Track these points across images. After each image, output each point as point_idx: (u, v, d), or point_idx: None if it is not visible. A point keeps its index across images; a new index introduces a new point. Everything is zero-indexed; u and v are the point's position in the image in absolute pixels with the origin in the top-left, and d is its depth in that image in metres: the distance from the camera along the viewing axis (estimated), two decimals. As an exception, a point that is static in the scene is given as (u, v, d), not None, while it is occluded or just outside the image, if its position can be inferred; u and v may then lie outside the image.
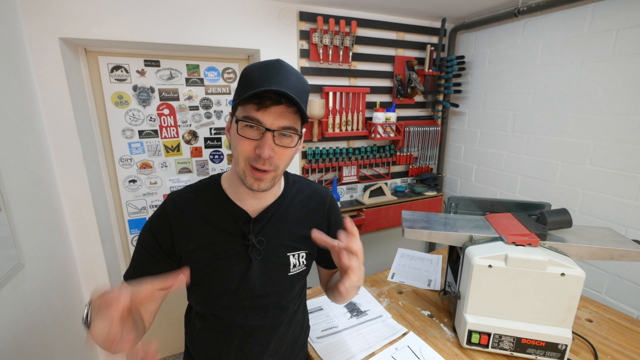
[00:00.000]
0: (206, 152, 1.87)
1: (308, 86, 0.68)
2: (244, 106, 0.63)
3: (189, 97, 1.76)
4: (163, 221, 0.72)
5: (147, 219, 0.75)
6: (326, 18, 1.78)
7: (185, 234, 0.71)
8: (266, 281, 0.75)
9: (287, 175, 0.83)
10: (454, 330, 1.01)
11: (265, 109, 0.61)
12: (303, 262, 0.79)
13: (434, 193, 2.30)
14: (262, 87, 0.58)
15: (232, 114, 0.68)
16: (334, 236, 0.79)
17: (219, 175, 0.78)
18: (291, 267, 0.77)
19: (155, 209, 1.47)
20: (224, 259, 0.72)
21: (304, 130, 0.69)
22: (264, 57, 1.72)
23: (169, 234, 0.71)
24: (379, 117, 2.01)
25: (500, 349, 0.89)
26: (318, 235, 0.59)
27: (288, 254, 0.77)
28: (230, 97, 1.84)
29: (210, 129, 1.85)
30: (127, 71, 1.61)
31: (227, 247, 0.72)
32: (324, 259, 0.87)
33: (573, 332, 0.92)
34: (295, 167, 1.96)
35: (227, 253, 0.72)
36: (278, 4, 1.70)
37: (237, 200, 0.74)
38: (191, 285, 0.75)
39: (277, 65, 0.63)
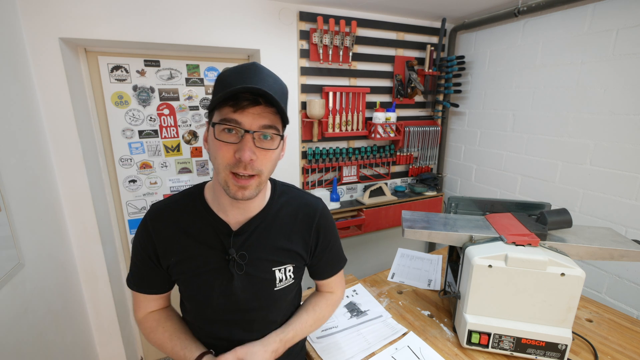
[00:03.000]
0: (206, 152, 1.87)
1: (286, 88, 0.65)
2: (220, 110, 0.60)
3: (189, 97, 1.76)
4: (145, 235, 0.71)
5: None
6: (326, 18, 1.78)
7: (167, 248, 0.70)
8: (251, 297, 0.71)
9: (274, 184, 0.78)
10: (454, 330, 1.01)
11: (243, 110, 0.58)
12: (290, 275, 0.75)
13: (434, 193, 2.30)
14: (238, 86, 0.56)
15: (209, 121, 0.64)
16: (323, 251, 0.79)
17: (202, 185, 0.75)
18: (277, 282, 0.73)
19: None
20: (204, 273, 0.70)
21: (285, 134, 0.66)
22: (264, 57, 1.71)
23: (153, 247, 0.71)
24: (379, 117, 2.01)
25: (500, 349, 0.89)
26: None
27: (273, 269, 0.73)
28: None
29: (210, 129, 1.85)
30: (127, 71, 1.61)
31: (207, 261, 0.69)
32: (312, 271, 0.85)
33: (573, 332, 0.92)
34: (295, 167, 1.96)
35: (207, 267, 0.69)
36: (278, 4, 1.70)
37: (220, 211, 0.70)
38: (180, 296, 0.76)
39: (252, 68, 0.60)
